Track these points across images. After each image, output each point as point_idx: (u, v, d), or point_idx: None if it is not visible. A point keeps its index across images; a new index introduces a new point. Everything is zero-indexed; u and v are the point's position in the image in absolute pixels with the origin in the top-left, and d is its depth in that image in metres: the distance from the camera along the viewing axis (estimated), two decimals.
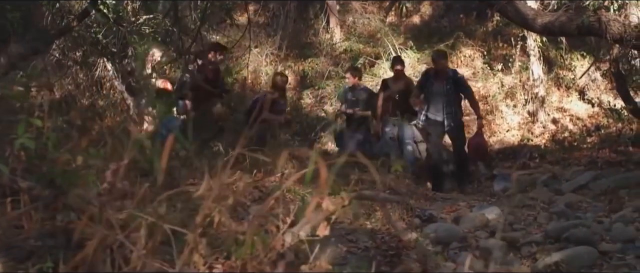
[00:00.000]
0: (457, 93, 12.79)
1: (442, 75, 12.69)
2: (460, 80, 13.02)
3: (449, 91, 12.62)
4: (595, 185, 10.39)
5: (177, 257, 3.00)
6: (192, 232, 3.05)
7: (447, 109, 12.59)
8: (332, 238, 5.46)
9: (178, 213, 3.32)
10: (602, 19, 10.27)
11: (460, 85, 12.87)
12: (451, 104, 12.63)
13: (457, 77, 13.04)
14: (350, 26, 23.47)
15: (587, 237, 6.82)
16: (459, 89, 12.79)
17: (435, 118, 12.70)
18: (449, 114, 12.57)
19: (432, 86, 12.77)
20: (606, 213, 8.28)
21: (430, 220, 7.70)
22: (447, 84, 12.62)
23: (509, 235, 7.30)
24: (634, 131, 15.47)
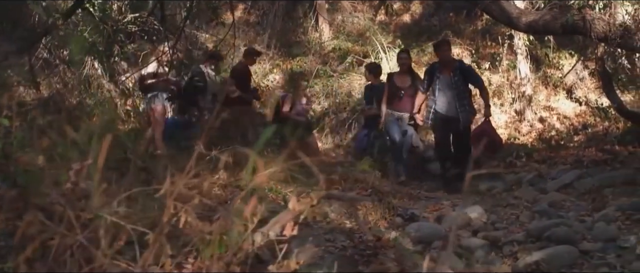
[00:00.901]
0: (466, 84, 12.34)
1: (447, 66, 12.28)
2: (468, 70, 12.60)
3: (457, 83, 12.16)
4: (580, 184, 10.38)
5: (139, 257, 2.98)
6: (156, 232, 3.02)
7: (458, 102, 12.14)
8: (310, 237, 5.44)
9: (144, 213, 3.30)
10: (587, 18, 10.27)
11: (469, 75, 12.44)
12: (462, 96, 12.18)
13: (465, 67, 12.65)
14: (339, 25, 23.47)
15: (568, 236, 6.82)
16: (468, 79, 12.35)
17: (446, 114, 12.24)
18: (462, 109, 12.15)
19: (438, 79, 12.30)
20: (589, 212, 8.29)
21: (412, 219, 7.69)
22: (454, 76, 12.18)
23: (491, 234, 7.31)
24: (620, 130, 15.48)
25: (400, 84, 13.26)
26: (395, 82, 13.31)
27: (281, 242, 3.50)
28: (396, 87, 13.21)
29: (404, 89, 13.16)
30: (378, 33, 21.35)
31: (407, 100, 13.12)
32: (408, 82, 13.24)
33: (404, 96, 13.12)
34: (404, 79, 13.31)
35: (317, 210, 6.23)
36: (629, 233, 7.01)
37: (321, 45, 22.01)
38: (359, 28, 22.97)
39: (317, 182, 8.28)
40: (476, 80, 12.56)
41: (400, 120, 13.16)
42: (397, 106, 13.19)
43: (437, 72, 12.31)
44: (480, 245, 6.94)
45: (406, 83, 13.24)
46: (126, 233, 3.03)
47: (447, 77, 12.19)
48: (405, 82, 13.27)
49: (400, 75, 13.45)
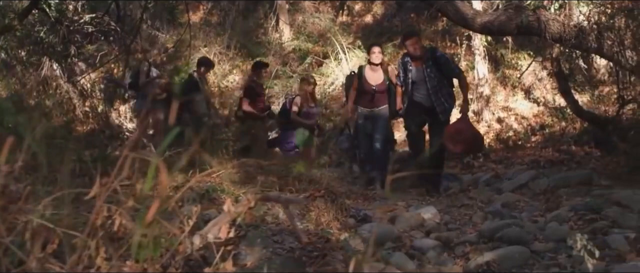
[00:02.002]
0: (441, 75, 11.25)
1: (417, 57, 11.26)
2: (440, 59, 11.36)
3: (430, 74, 11.15)
4: (535, 184, 10.42)
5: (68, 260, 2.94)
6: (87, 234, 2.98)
7: (433, 95, 11.14)
8: (258, 239, 5.40)
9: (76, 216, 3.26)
10: (541, 19, 10.31)
11: (442, 65, 11.28)
12: (437, 88, 11.16)
13: (436, 56, 11.41)
14: (300, 25, 23.50)
15: (520, 236, 6.82)
16: (442, 69, 11.25)
17: (424, 104, 11.22)
18: (438, 101, 11.16)
19: (411, 73, 11.34)
20: (542, 213, 8.31)
21: (366, 220, 7.65)
22: (426, 67, 11.17)
23: (444, 235, 7.28)
24: (577, 130, 15.60)
25: (371, 79, 12.24)
26: (365, 77, 12.27)
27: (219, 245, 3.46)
28: (367, 83, 12.20)
29: (375, 85, 12.17)
30: (339, 34, 21.38)
31: (379, 97, 12.20)
32: (380, 78, 12.25)
33: (376, 92, 12.15)
34: (376, 74, 12.28)
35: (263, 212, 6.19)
36: (580, 234, 7.02)
37: (281, 45, 22.04)
38: (320, 29, 23.02)
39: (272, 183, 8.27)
40: (450, 71, 11.43)
41: (372, 119, 12.24)
42: (368, 103, 12.24)
43: (410, 65, 11.37)
44: (432, 245, 6.90)
45: (379, 79, 12.25)
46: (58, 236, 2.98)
47: (419, 69, 11.27)
48: (377, 77, 12.26)
49: (372, 70, 12.29)
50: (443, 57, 11.55)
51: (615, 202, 7.93)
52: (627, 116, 12.78)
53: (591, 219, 7.39)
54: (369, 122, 12.24)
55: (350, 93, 12.53)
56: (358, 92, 12.31)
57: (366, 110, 12.27)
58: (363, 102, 12.29)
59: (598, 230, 7.00)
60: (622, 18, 10.56)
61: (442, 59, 11.42)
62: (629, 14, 10.50)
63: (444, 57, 11.59)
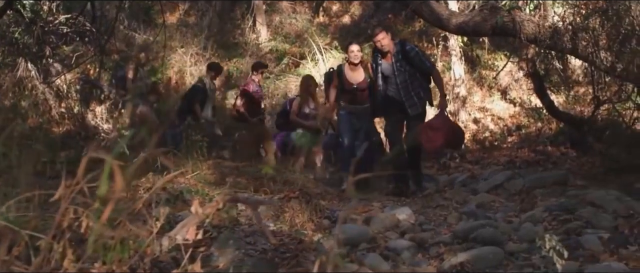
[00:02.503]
0: (412, 66, 10.84)
1: (387, 52, 10.87)
2: (410, 52, 10.90)
3: (399, 68, 10.81)
4: (511, 184, 10.43)
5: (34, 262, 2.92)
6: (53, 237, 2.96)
7: (403, 90, 10.83)
8: (231, 240, 5.38)
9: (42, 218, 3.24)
10: (516, 19, 10.33)
11: (412, 58, 10.85)
12: (407, 84, 10.82)
13: (406, 49, 10.93)
14: (277, 26, 23.49)
15: (495, 237, 6.81)
16: (412, 62, 10.85)
17: (396, 98, 10.86)
18: (408, 96, 10.82)
19: (381, 68, 11.05)
20: (517, 213, 8.32)
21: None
22: (395, 61, 10.84)
23: (418, 236, 7.27)
24: (553, 131, 15.65)
25: (351, 78, 11.87)
26: (345, 77, 11.90)
27: (188, 246, 3.44)
28: (347, 82, 11.85)
29: (356, 83, 11.83)
30: (316, 34, 21.38)
31: (361, 95, 11.87)
32: (361, 76, 11.89)
33: (358, 91, 11.83)
34: (356, 73, 11.91)
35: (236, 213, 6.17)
36: (555, 234, 7.03)
37: (258, 46, 22.02)
38: (297, 29, 23.02)
39: (247, 184, 8.24)
40: (421, 64, 10.93)
41: (356, 115, 11.90)
42: (351, 101, 11.92)
43: (379, 59, 11.06)
44: (407, 246, 6.89)
45: (359, 77, 11.89)
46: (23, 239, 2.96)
47: (388, 63, 10.96)
48: (357, 76, 11.90)
49: (352, 69, 11.90)
50: (413, 50, 11.03)
51: (589, 202, 7.95)
52: (602, 117, 12.83)
53: (565, 220, 7.39)
54: (353, 117, 11.89)
55: (330, 91, 12.12)
56: (339, 91, 11.96)
57: (350, 106, 11.93)
58: (345, 99, 11.97)
59: (572, 230, 7.01)
60: (597, 19, 10.59)
61: (412, 52, 10.95)
62: (604, 15, 10.53)
63: (414, 50, 11.05)
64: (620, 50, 10.25)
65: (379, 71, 11.05)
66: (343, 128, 11.92)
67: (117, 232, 3.13)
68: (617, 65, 10.23)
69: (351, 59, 11.87)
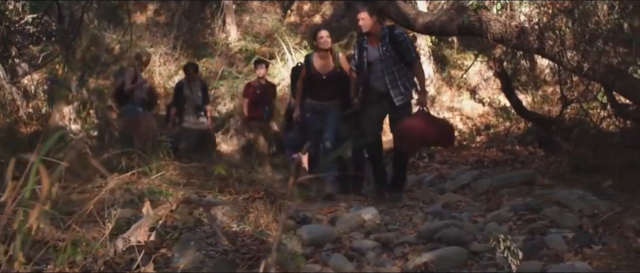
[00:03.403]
0: (398, 55, 10.01)
1: (374, 34, 10.08)
2: (398, 37, 10.07)
3: (386, 53, 9.97)
4: (478, 184, 10.47)
5: None
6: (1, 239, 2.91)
7: (388, 77, 9.96)
8: (192, 242, 5.34)
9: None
10: (483, 19, 10.34)
11: (400, 44, 10.02)
12: (393, 72, 9.97)
13: (394, 33, 10.12)
14: (247, 26, 23.46)
15: (459, 237, 6.81)
16: (399, 48, 10.01)
17: (379, 89, 10.06)
18: (393, 84, 9.96)
19: (367, 52, 10.18)
20: (482, 213, 8.34)
21: (305, 222, 7.60)
22: (382, 46, 9.99)
23: (383, 236, 7.25)
24: (521, 130, 15.71)
25: (320, 67, 11.04)
26: (313, 66, 11.04)
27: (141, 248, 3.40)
28: (315, 71, 11.01)
29: (325, 73, 11.01)
30: (286, 34, 21.37)
31: (329, 88, 10.99)
32: (330, 66, 11.05)
33: (326, 82, 10.98)
34: (326, 62, 11.07)
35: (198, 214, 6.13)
36: (519, 234, 7.06)
37: (228, 46, 21.98)
38: (267, 29, 22.98)
39: (212, 184, 8.19)
40: (407, 52, 10.08)
41: (321, 113, 11.00)
42: (317, 95, 11.04)
43: (365, 43, 10.21)
44: (371, 246, 6.87)
45: (328, 67, 11.05)
46: None
47: (374, 48, 10.09)
48: (327, 65, 11.06)
49: (321, 58, 11.07)
50: (402, 35, 10.19)
51: (555, 201, 7.99)
52: (570, 116, 12.90)
53: (530, 219, 7.42)
54: (318, 117, 11.02)
55: (297, 85, 11.33)
56: (305, 83, 11.09)
57: (315, 102, 11.04)
58: (311, 93, 11.07)
59: (536, 230, 7.04)
60: (563, 18, 10.62)
61: (400, 37, 10.11)
62: (570, 14, 10.56)
63: (402, 35, 10.20)
64: (587, 50, 10.28)
65: (364, 56, 10.18)
66: (306, 127, 11.46)
67: (67, 234, 3.07)
68: (583, 64, 10.26)
69: (320, 45, 11.03)
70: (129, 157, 8.02)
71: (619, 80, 10.35)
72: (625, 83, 10.46)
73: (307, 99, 11.16)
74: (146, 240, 3.32)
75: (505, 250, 4.73)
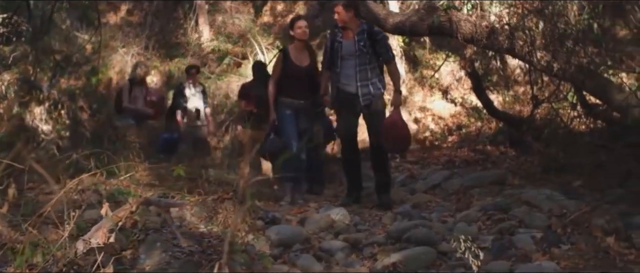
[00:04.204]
0: (374, 53, 9.47)
1: (351, 28, 9.54)
2: (377, 34, 9.61)
3: (361, 49, 9.40)
4: (448, 184, 10.50)
5: None
6: None
7: (360, 75, 9.42)
8: (158, 243, 5.30)
9: None
10: (453, 19, 10.38)
11: (378, 41, 9.51)
12: (366, 70, 9.44)
13: (373, 30, 9.67)
14: (220, 26, 23.40)
15: (428, 237, 6.81)
16: (376, 46, 9.48)
17: (349, 90, 9.52)
18: (363, 83, 9.45)
19: (341, 46, 9.56)
20: (452, 213, 8.35)
21: (274, 222, 7.59)
22: (359, 40, 9.43)
23: (352, 236, 7.26)
24: (492, 130, 15.75)
25: (298, 60, 10.26)
26: (292, 60, 10.25)
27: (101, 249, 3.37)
28: (294, 65, 10.21)
29: (303, 67, 10.27)
30: (259, 34, 21.35)
31: (307, 83, 10.22)
32: (307, 59, 10.34)
33: (304, 77, 10.22)
34: (303, 55, 10.33)
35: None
36: (488, 233, 7.07)
37: (200, 46, 21.93)
38: (240, 29, 22.94)
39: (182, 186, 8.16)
40: (385, 51, 9.61)
41: (300, 112, 10.26)
42: (296, 92, 10.19)
43: (339, 37, 9.62)
44: (340, 247, 6.87)
45: (305, 60, 10.32)
46: None
47: (349, 42, 9.50)
48: (304, 58, 10.32)
49: (298, 50, 10.32)
50: (381, 33, 9.81)
51: (524, 201, 8.00)
52: (540, 116, 12.94)
53: (499, 219, 7.43)
54: (298, 115, 10.24)
55: (270, 83, 10.33)
56: (281, 79, 10.21)
57: (294, 101, 10.20)
58: (288, 90, 10.16)
59: (505, 230, 7.04)
60: (533, 18, 10.66)
61: (379, 34, 9.68)
62: (540, 15, 10.60)
63: (381, 33, 9.82)
64: (557, 50, 10.32)
65: (339, 50, 9.56)
66: (286, 129, 10.17)
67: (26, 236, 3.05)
68: (553, 64, 10.30)
69: (299, 36, 10.25)
70: (98, 158, 7.95)
71: (589, 80, 10.41)
72: (595, 83, 10.52)
73: (283, 98, 10.21)
74: (105, 241, 3.28)
75: (467, 251, 4.72)
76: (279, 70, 10.26)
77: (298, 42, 10.29)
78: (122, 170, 7.97)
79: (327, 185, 11.54)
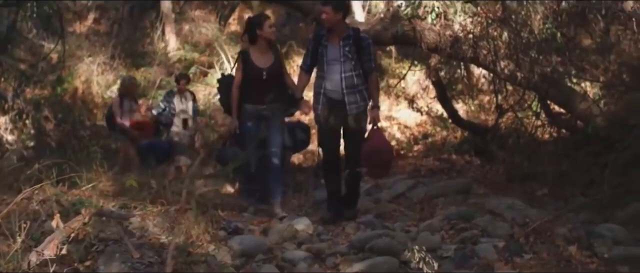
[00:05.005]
0: (359, 60, 8.95)
1: (337, 32, 8.99)
2: (364, 41, 9.02)
3: (346, 55, 8.89)
4: (413, 193, 10.50)
5: None
6: None
7: (346, 82, 8.88)
8: (117, 254, 5.27)
9: None
10: (417, 28, 10.40)
11: (364, 49, 8.96)
12: (352, 77, 8.91)
13: (360, 36, 9.05)
14: (187, 35, 23.35)
15: (390, 246, 6.79)
16: (361, 53, 8.94)
17: (334, 97, 8.98)
18: (350, 91, 8.92)
19: (326, 50, 9.03)
20: (415, 222, 8.33)
21: (237, 232, 7.55)
22: (344, 45, 8.91)
23: (315, 246, 7.23)
24: (458, 139, 15.79)
25: (260, 62, 9.57)
26: (252, 61, 9.56)
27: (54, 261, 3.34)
28: (255, 67, 9.53)
29: (266, 68, 9.55)
30: (226, 43, 21.32)
31: (271, 86, 9.55)
32: (271, 60, 9.62)
33: (268, 79, 9.54)
34: (266, 56, 9.64)
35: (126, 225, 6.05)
36: (451, 243, 7.08)
37: (167, 55, 21.87)
38: (207, 38, 22.90)
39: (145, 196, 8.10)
40: (369, 59, 9.05)
41: (263, 120, 9.71)
42: (258, 97, 9.53)
43: (324, 40, 9.07)
44: (303, 257, 6.84)
45: (268, 61, 9.61)
46: None
47: (334, 46, 8.97)
48: (267, 59, 9.63)
49: (261, 51, 9.61)
50: (367, 40, 9.14)
51: (488, 210, 8.04)
52: (505, 125, 12.97)
53: (462, 228, 7.44)
54: (260, 125, 9.73)
55: (232, 91, 9.69)
56: (243, 83, 9.62)
57: (258, 107, 9.61)
58: (250, 96, 9.58)
59: (468, 239, 7.05)
60: (497, 28, 10.71)
61: (366, 41, 9.07)
62: (504, 24, 10.65)
63: (367, 40, 9.15)
64: (521, 59, 10.37)
65: (325, 55, 9.04)
66: (244, 141, 9.77)
67: None
68: (517, 73, 10.35)
69: (268, 35, 9.58)
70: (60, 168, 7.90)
71: (553, 89, 10.47)
72: (559, 92, 10.59)
73: (246, 105, 9.61)
74: (57, 253, 3.24)
75: (421, 261, 4.72)
76: (240, 74, 9.66)
77: (262, 42, 9.60)
78: (84, 181, 7.91)
79: (293, 195, 11.49)
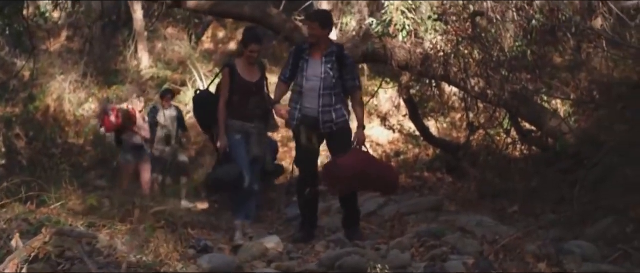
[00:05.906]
0: (340, 77, 8.60)
1: (320, 47, 8.65)
2: (347, 59, 8.79)
3: (327, 71, 8.53)
4: (384, 211, 10.50)
5: None
6: None
7: (322, 99, 8.50)
8: None
9: None
10: (387, 46, 10.42)
11: (347, 66, 8.68)
12: (330, 95, 8.53)
13: (343, 53, 8.79)
14: (160, 52, 23.33)
15: (359, 264, 6.76)
16: (343, 71, 8.60)
17: (309, 113, 8.59)
18: (324, 109, 8.53)
19: (306, 65, 8.68)
20: (386, 240, 8.30)
21: (206, 251, 7.53)
22: (327, 62, 8.57)
23: (285, 264, 7.22)
24: (429, 156, 15.83)
25: (247, 75, 9.00)
26: (240, 74, 8.94)
27: None
28: (243, 80, 8.94)
29: (253, 83, 9.03)
30: (199, 61, 21.33)
31: (257, 100, 9.04)
32: (257, 75, 9.09)
33: (254, 92, 9.00)
34: (252, 70, 9.09)
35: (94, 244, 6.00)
36: (421, 260, 7.06)
37: (139, 73, 21.84)
38: (180, 56, 22.89)
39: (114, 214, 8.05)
40: (352, 78, 8.76)
41: (251, 137, 9.10)
42: (245, 113, 8.99)
43: (306, 54, 8.71)
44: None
45: (255, 75, 9.08)
46: None
47: (316, 62, 8.62)
48: (253, 74, 9.09)
49: (247, 64, 9.02)
50: (350, 58, 9.00)
51: (459, 227, 8.02)
52: (476, 142, 13.02)
53: (432, 245, 7.41)
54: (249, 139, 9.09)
55: (219, 107, 8.90)
56: (230, 98, 8.94)
57: (246, 124, 9.03)
58: (238, 111, 8.98)
59: (437, 256, 7.02)
60: (467, 45, 10.75)
61: (349, 60, 8.86)
62: (474, 41, 10.70)
63: (350, 58, 9.02)
64: (491, 76, 10.41)
65: (304, 69, 8.67)
66: (236, 156, 8.96)
67: None
68: (488, 91, 10.38)
69: (246, 57, 8.98)
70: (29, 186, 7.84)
71: (523, 106, 10.51)
72: (529, 109, 10.63)
73: (232, 120, 8.96)
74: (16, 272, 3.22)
75: None
76: (227, 89, 8.98)
77: (250, 55, 9.01)
78: (53, 199, 7.86)
79: (265, 212, 11.48)
